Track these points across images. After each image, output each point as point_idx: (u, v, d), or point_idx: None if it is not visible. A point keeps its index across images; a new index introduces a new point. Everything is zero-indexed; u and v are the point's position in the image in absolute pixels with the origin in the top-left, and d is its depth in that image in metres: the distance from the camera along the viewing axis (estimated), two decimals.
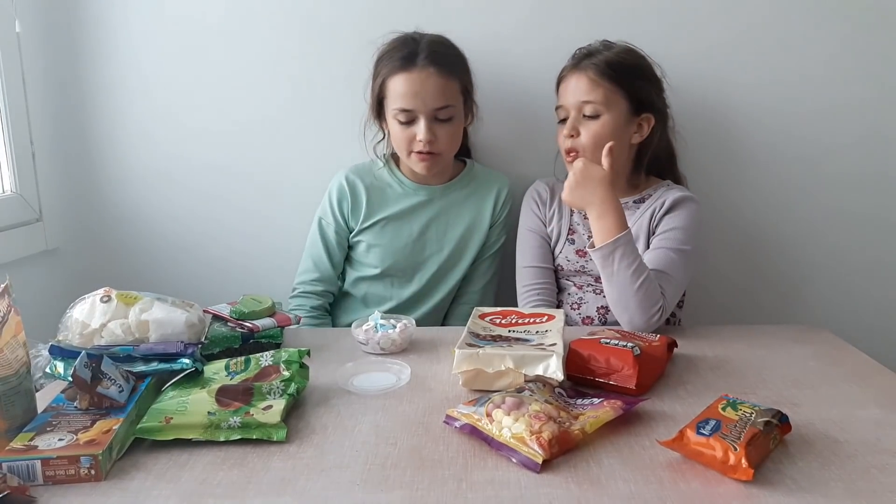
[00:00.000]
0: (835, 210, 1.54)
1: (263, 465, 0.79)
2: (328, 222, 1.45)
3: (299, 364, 0.96)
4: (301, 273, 1.47)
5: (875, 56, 1.47)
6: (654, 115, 1.31)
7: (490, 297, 1.49)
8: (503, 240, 1.47)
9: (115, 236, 1.62)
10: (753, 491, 0.72)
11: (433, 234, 1.44)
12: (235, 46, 1.52)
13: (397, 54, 1.33)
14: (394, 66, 1.32)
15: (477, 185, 1.46)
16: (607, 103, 1.27)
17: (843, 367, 1.05)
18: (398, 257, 1.43)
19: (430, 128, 1.32)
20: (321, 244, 1.45)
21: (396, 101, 1.32)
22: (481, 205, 1.45)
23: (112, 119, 1.56)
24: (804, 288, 1.59)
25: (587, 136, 1.28)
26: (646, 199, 1.34)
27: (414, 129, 1.33)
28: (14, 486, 0.72)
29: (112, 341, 1.00)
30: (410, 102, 1.31)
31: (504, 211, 1.46)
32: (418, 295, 1.45)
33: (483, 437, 0.81)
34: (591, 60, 1.28)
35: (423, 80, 1.31)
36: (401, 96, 1.32)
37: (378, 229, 1.43)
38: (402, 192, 1.44)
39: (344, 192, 1.43)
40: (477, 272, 1.48)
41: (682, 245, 1.24)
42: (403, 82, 1.31)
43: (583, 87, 1.28)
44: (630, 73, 1.28)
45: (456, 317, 1.47)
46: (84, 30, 1.52)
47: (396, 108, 1.33)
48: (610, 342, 0.99)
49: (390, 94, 1.34)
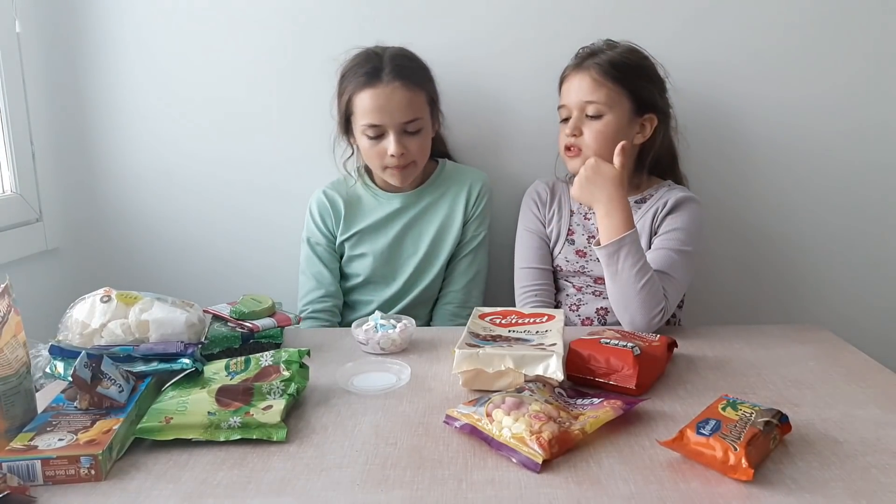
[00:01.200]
0: (835, 210, 1.54)
1: (263, 465, 0.79)
2: (317, 240, 1.46)
3: (299, 364, 0.96)
4: (305, 294, 1.45)
5: (881, 55, 1.47)
6: (657, 116, 1.31)
7: (476, 295, 1.47)
8: (482, 235, 1.46)
9: (115, 236, 1.62)
10: (753, 491, 0.72)
11: (409, 238, 1.44)
12: (236, 46, 1.52)
13: (361, 70, 1.33)
14: (359, 82, 1.32)
15: (450, 184, 1.46)
16: (610, 103, 1.26)
17: (843, 367, 1.05)
18: (377, 264, 1.44)
19: (400, 141, 1.33)
20: (317, 261, 1.45)
21: (364, 117, 1.32)
22: (454, 202, 1.44)
23: (112, 119, 1.56)
24: (804, 288, 1.59)
25: (590, 135, 1.28)
26: (647, 199, 1.34)
27: (384, 143, 1.34)
28: (14, 486, 0.72)
29: (112, 341, 1.00)
30: (378, 118, 1.32)
31: (479, 206, 1.45)
32: (397, 295, 1.45)
33: (483, 437, 0.81)
34: (594, 60, 1.28)
35: (389, 94, 1.31)
36: (368, 112, 1.32)
37: (356, 240, 1.45)
38: (376, 203, 1.45)
39: (325, 206, 1.45)
40: (457, 270, 1.46)
41: (684, 246, 1.24)
42: (370, 98, 1.31)
43: (586, 87, 1.27)
44: (633, 73, 1.28)
45: (440, 317, 1.46)
46: (84, 30, 1.52)
47: (365, 123, 1.33)
48: (610, 342, 0.99)
49: (357, 111, 1.34)
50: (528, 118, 1.52)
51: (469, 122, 1.53)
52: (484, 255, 1.48)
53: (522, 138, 1.54)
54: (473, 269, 1.46)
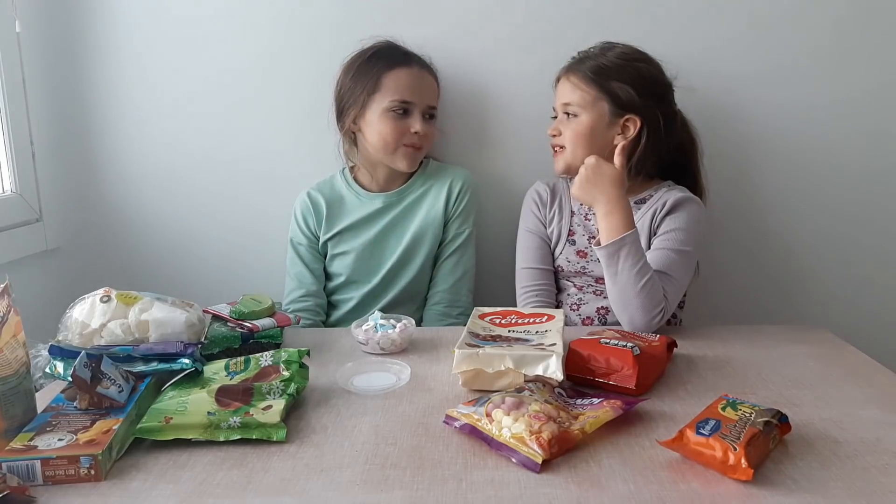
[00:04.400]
0: (835, 210, 1.54)
1: (263, 465, 0.79)
2: (300, 241, 1.48)
3: (299, 364, 0.96)
4: (287, 294, 1.47)
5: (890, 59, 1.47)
6: (640, 117, 1.28)
7: (465, 294, 1.46)
8: (467, 232, 1.45)
9: (115, 236, 1.62)
10: (753, 491, 0.72)
11: (390, 237, 1.45)
12: (236, 47, 1.52)
13: (391, 52, 1.39)
14: (392, 61, 1.38)
15: (432, 182, 1.47)
16: (584, 105, 1.29)
17: (843, 367, 1.05)
18: (358, 263, 1.45)
19: (424, 122, 1.39)
20: (299, 262, 1.47)
21: (396, 93, 1.37)
22: (435, 201, 1.45)
23: (112, 119, 1.56)
24: (804, 288, 1.59)
25: (567, 133, 1.32)
26: (647, 199, 1.34)
27: (408, 121, 1.38)
28: (14, 486, 0.72)
29: (112, 341, 1.01)
30: (411, 95, 1.37)
31: (461, 203, 1.44)
32: (375, 292, 1.45)
33: (483, 437, 0.81)
34: (579, 66, 1.31)
35: (422, 76, 1.40)
36: (402, 88, 1.37)
37: (338, 240, 1.46)
38: (358, 202, 1.47)
39: (307, 207, 1.47)
40: (443, 270, 1.46)
41: (684, 246, 1.24)
42: (406, 76, 1.38)
43: (566, 91, 1.32)
44: (613, 76, 1.28)
45: (429, 318, 1.45)
46: (84, 30, 1.52)
47: (396, 99, 1.37)
48: (610, 342, 0.99)
49: (387, 88, 1.37)
50: (520, 117, 1.52)
51: (460, 120, 1.54)
52: (471, 253, 1.47)
53: (514, 136, 1.54)
54: (461, 269, 1.46)
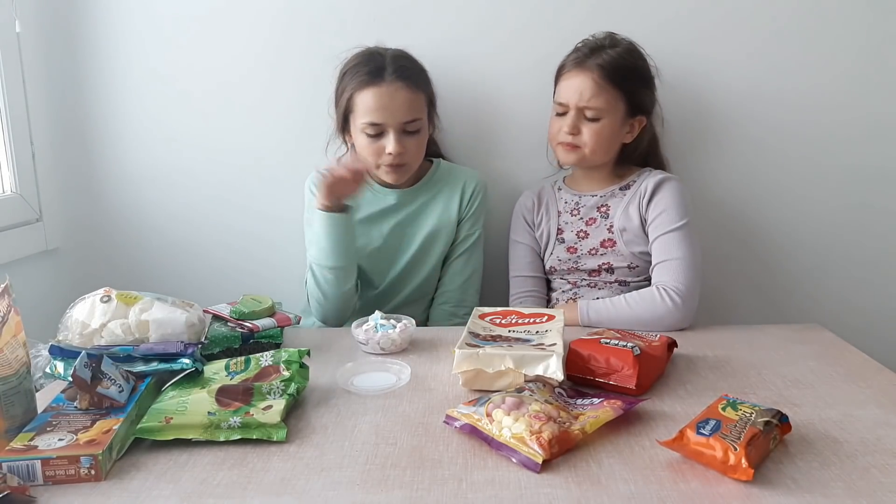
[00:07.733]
0: (835, 210, 1.54)
1: (263, 465, 0.79)
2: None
3: (299, 364, 0.96)
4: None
5: (879, 50, 1.46)
6: (647, 117, 1.35)
7: (472, 294, 1.47)
8: (477, 234, 1.45)
9: (115, 236, 1.62)
10: (753, 491, 0.72)
11: (401, 237, 1.44)
12: (237, 47, 1.52)
13: (363, 69, 1.33)
14: (361, 80, 1.32)
15: (444, 183, 1.46)
16: (608, 108, 1.30)
17: (843, 366, 1.05)
18: (368, 260, 1.43)
19: (399, 140, 1.33)
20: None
21: (365, 115, 1.32)
22: (448, 202, 1.44)
23: (112, 119, 1.56)
24: (804, 288, 1.59)
25: (588, 135, 1.31)
26: (630, 185, 1.37)
27: (382, 142, 1.33)
28: (14, 486, 0.72)
29: (112, 341, 1.01)
30: (380, 116, 1.31)
31: (473, 205, 1.45)
32: (385, 293, 1.45)
33: (483, 437, 0.81)
34: (595, 60, 1.29)
35: (392, 94, 1.31)
36: (370, 111, 1.31)
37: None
38: (371, 196, 1.44)
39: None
40: (452, 270, 1.46)
41: (676, 223, 1.27)
42: (372, 97, 1.31)
43: (588, 91, 1.29)
44: (631, 76, 1.31)
45: (437, 317, 1.46)
46: (84, 30, 1.52)
47: (365, 122, 1.32)
48: (610, 342, 0.99)
49: (358, 109, 1.33)
50: (522, 116, 1.52)
51: (463, 121, 1.53)
52: (479, 254, 1.48)
53: (516, 137, 1.54)
54: (469, 269, 1.46)
